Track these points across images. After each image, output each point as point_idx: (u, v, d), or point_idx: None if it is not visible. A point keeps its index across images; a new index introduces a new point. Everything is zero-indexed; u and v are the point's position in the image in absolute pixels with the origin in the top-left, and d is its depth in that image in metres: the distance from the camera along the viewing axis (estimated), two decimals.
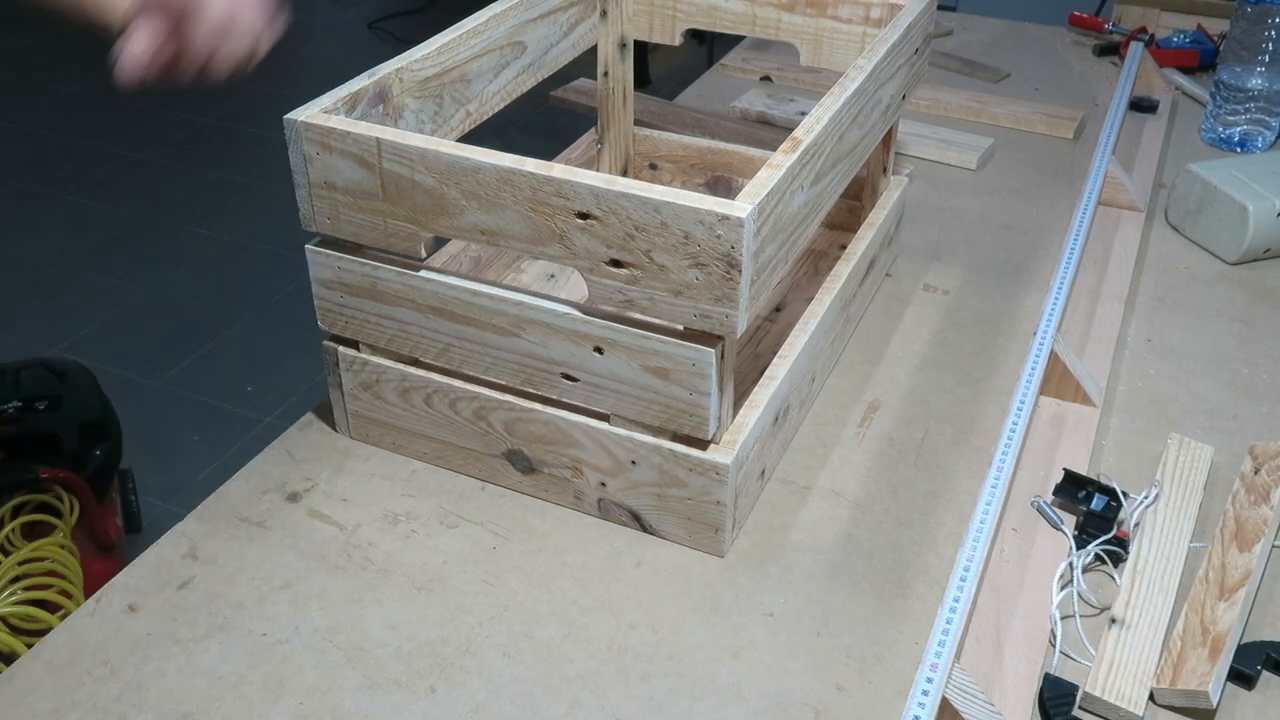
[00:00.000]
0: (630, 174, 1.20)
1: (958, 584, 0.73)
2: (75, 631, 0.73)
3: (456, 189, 0.73)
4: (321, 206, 0.79)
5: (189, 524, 0.82)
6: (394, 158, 0.74)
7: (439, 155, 0.72)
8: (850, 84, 0.82)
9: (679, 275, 0.69)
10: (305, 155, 0.77)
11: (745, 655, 0.73)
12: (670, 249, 0.68)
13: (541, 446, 0.81)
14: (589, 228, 0.70)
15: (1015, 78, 1.59)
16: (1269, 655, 0.72)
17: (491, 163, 0.71)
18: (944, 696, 0.66)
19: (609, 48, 1.10)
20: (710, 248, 0.67)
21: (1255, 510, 0.82)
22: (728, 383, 0.75)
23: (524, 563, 0.79)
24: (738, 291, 0.68)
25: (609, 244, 0.70)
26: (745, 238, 0.66)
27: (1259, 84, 1.33)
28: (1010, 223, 1.24)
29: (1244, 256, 1.15)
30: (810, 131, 0.76)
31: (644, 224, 0.68)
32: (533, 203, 0.71)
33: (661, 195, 0.67)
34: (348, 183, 0.77)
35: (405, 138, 0.73)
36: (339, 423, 0.90)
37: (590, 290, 0.73)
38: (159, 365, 2.32)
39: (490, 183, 0.72)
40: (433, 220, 0.75)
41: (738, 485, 0.77)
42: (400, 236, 0.77)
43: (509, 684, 0.70)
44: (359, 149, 0.75)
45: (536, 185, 0.70)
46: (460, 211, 0.74)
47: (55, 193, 2.97)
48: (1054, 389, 0.95)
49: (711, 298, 0.69)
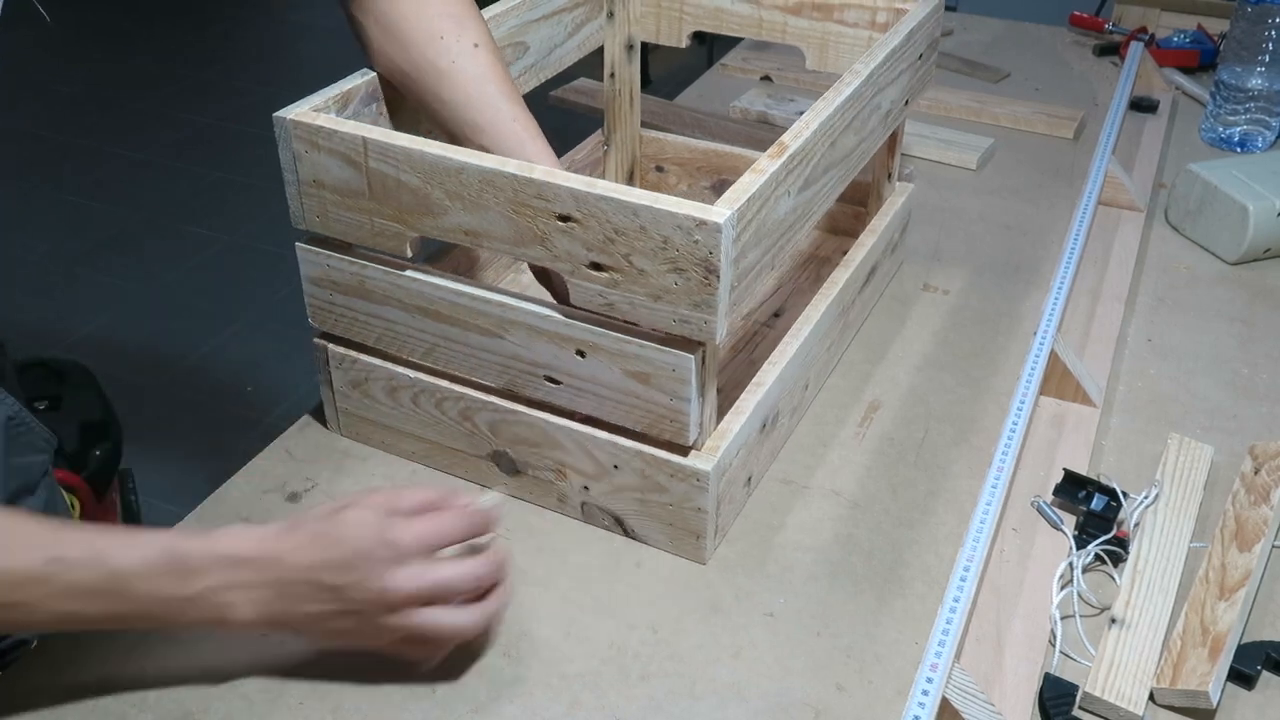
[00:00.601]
0: (637, 176, 1.20)
1: (958, 584, 0.73)
2: None
3: (441, 189, 0.73)
4: (310, 204, 0.79)
5: (189, 524, 0.82)
6: (380, 157, 0.74)
7: (424, 155, 0.72)
8: (845, 89, 0.82)
9: (658, 280, 0.69)
10: (294, 153, 0.77)
11: (745, 655, 0.73)
12: (649, 253, 0.68)
13: (525, 449, 0.81)
14: (569, 230, 0.70)
15: (1015, 78, 1.59)
16: (1269, 655, 0.72)
17: (474, 163, 0.71)
18: (944, 696, 0.66)
19: (615, 49, 1.10)
20: (688, 253, 0.67)
21: (1255, 510, 0.82)
22: (710, 388, 0.74)
23: (524, 563, 0.79)
24: (716, 297, 0.68)
25: (589, 246, 0.70)
26: (724, 243, 0.66)
27: (1259, 84, 1.33)
28: (1010, 223, 1.24)
29: (1244, 256, 1.15)
30: (798, 136, 0.75)
31: (623, 228, 0.68)
32: (514, 204, 0.71)
33: (639, 199, 0.67)
34: (335, 181, 0.77)
35: (391, 137, 0.74)
36: (330, 420, 0.90)
37: (572, 293, 0.73)
38: (159, 365, 2.32)
39: (473, 183, 0.72)
40: (418, 220, 0.75)
41: (720, 492, 0.77)
42: (386, 235, 0.77)
43: (509, 684, 0.70)
44: (346, 147, 0.75)
45: (518, 187, 0.70)
46: (444, 212, 0.74)
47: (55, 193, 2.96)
48: (1054, 389, 0.95)
49: (690, 303, 0.69)
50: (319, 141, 0.76)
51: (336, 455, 0.88)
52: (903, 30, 0.92)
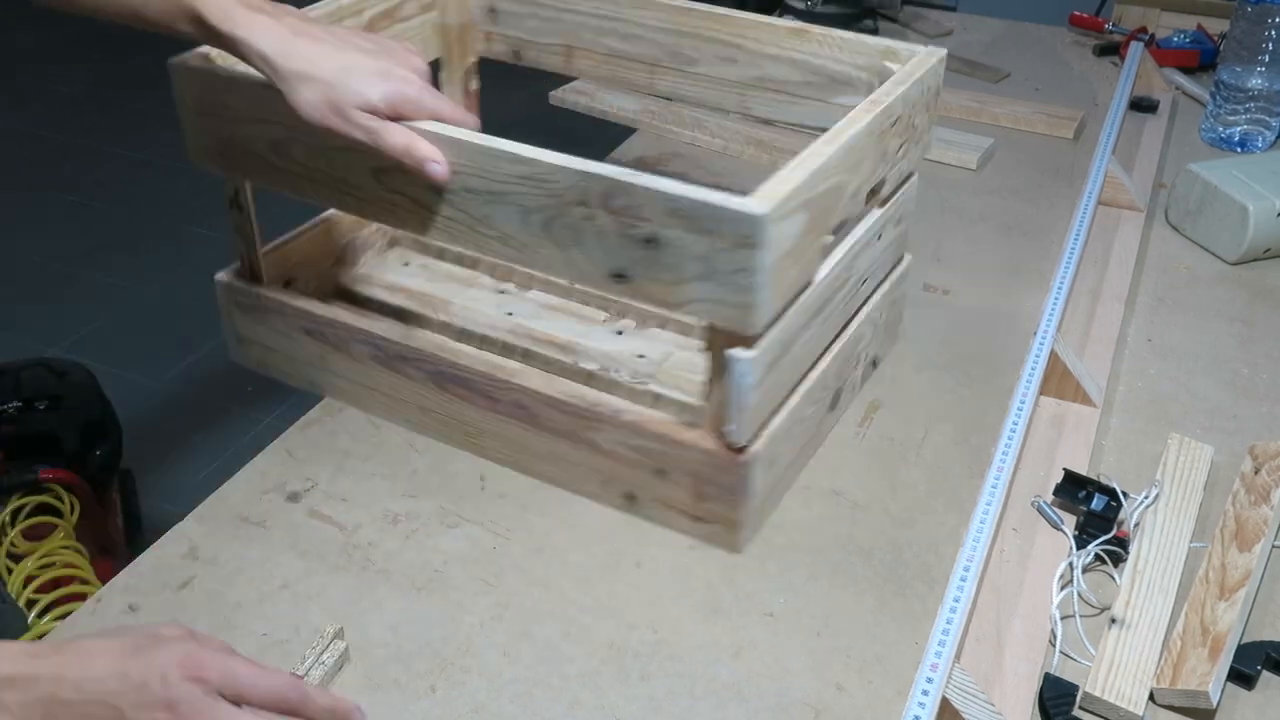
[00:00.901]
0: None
1: (958, 584, 0.73)
2: (75, 631, 0.73)
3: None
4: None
5: (189, 524, 0.82)
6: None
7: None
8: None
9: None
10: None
11: (745, 655, 0.73)
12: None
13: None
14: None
15: (1015, 78, 1.59)
16: (1269, 655, 0.72)
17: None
18: (944, 696, 0.66)
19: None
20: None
21: (1255, 510, 0.82)
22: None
23: (524, 563, 0.79)
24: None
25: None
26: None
27: (1259, 84, 1.33)
28: (1010, 223, 1.24)
29: (1244, 256, 1.15)
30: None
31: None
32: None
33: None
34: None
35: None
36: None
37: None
38: (159, 365, 2.32)
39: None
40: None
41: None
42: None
43: (509, 684, 0.70)
44: None
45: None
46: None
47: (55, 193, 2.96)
48: (1054, 389, 0.95)
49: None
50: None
51: (337, 455, 0.88)
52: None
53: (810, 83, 0.94)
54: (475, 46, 1.08)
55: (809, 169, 0.70)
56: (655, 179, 0.68)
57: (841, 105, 0.92)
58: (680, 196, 0.67)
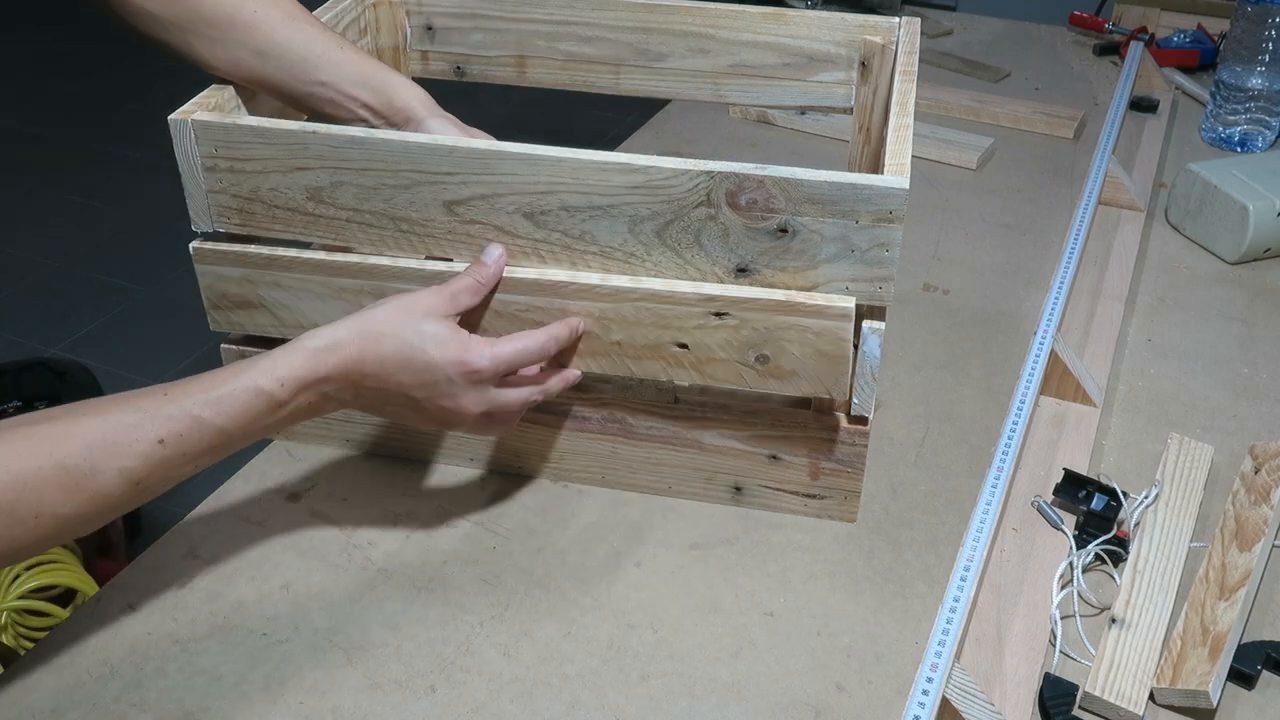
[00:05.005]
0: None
1: (958, 584, 0.73)
2: (75, 631, 0.73)
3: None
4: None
5: (189, 524, 0.82)
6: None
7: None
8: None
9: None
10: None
11: (745, 655, 0.73)
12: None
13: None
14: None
15: (1015, 77, 1.59)
16: (1269, 655, 0.72)
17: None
18: (944, 696, 0.66)
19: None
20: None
21: (1255, 510, 0.82)
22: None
23: (524, 563, 0.79)
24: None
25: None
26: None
27: (1259, 84, 1.33)
28: (1010, 222, 1.24)
29: (1244, 256, 1.15)
30: None
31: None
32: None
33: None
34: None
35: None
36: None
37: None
38: (159, 365, 2.32)
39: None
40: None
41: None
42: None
43: (509, 684, 0.70)
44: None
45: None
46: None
47: (55, 193, 2.96)
48: (1054, 389, 0.95)
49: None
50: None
51: (337, 455, 0.88)
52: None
53: (789, 64, 0.94)
54: (410, 68, 1.01)
55: (907, 140, 0.73)
56: (784, 169, 0.69)
57: (821, 82, 0.94)
58: (819, 182, 0.68)
